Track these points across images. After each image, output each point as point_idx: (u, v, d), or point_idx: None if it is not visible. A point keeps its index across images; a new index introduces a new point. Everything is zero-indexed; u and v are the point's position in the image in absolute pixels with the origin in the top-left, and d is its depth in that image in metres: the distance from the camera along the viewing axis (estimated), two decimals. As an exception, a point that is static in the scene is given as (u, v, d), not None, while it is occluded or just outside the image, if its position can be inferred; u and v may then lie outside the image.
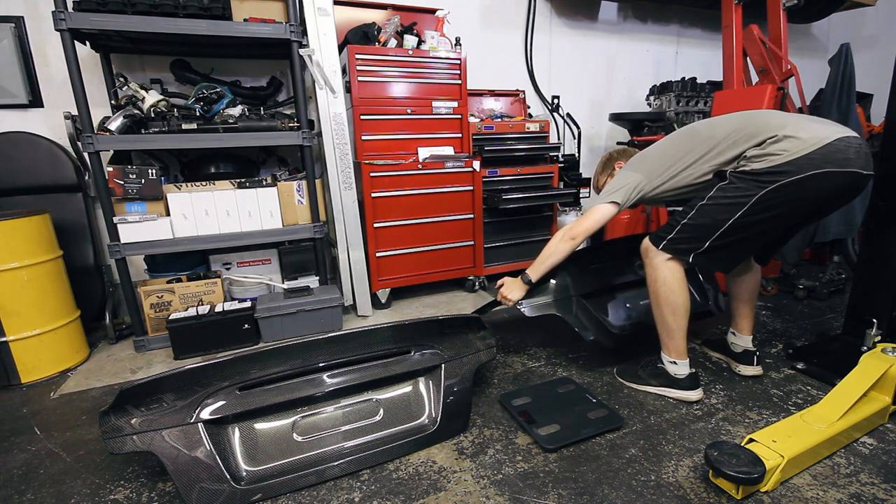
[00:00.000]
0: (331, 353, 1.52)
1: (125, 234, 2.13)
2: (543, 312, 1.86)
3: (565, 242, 1.72)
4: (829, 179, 1.37)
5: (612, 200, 1.65)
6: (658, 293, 1.61)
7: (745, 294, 1.82)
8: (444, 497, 1.26)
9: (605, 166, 2.01)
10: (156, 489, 1.32)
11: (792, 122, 1.44)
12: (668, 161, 1.62)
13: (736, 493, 1.21)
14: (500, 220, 3.02)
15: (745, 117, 1.54)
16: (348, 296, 2.60)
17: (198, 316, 2.14)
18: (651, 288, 1.63)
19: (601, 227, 1.70)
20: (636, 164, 1.72)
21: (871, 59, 4.12)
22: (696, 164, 1.56)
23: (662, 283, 1.59)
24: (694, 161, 1.56)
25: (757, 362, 1.81)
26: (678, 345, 1.64)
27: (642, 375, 1.76)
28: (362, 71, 2.52)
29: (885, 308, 1.77)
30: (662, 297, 1.60)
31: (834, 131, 1.39)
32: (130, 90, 2.20)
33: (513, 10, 3.38)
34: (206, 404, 1.30)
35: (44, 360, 2.02)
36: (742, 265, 1.77)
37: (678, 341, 1.64)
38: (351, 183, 2.50)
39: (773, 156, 1.40)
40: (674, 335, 1.64)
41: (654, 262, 1.61)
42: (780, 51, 2.51)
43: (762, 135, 1.43)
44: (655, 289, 1.61)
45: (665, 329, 1.65)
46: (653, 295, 1.63)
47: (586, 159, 3.82)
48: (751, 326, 1.85)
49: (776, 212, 1.44)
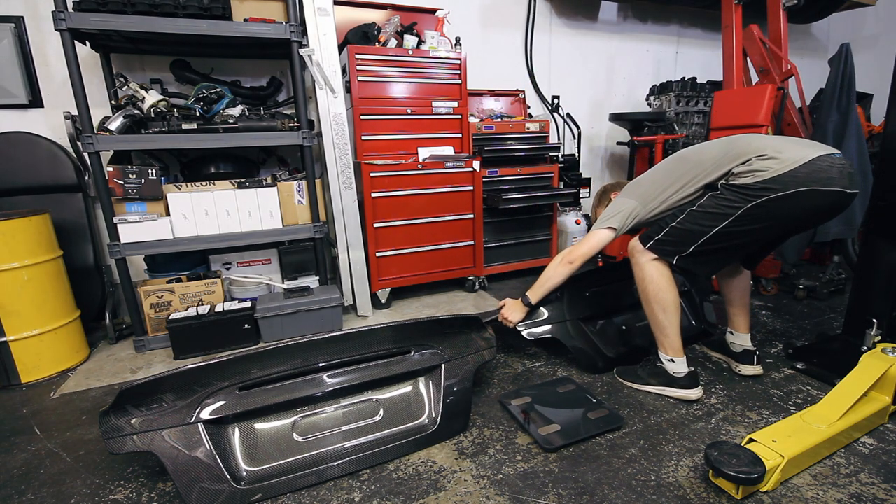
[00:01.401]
0: (331, 353, 1.52)
1: (125, 234, 2.13)
2: (542, 336, 1.91)
3: (564, 266, 1.79)
4: (813, 197, 1.42)
5: (609, 226, 1.71)
6: (647, 291, 1.65)
7: (737, 294, 1.85)
8: (444, 497, 1.26)
9: (602, 198, 2.07)
10: (156, 489, 1.32)
11: (773, 143, 1.51)
12: (661, 186, 1.68)
13: (736, 493, 1.21)
14: (500, 220, 3.02)
15: (730, 142, 1.61)
16: (348, 296, 2.60)
17: (198, 316, 2.14)
18: (640, 287, 1.67)
19: (598, 252, 1.77)
20: (630, 190, 1.78)
21: (871, 59, 4.12)
22: (686, 187, 1.62)
23: (650, 282, 1.63)
24: (684, 184, 1.63)
25: (757, 362, 1.81)
26: (673, 342, 1.66)
27: (642, 375, 1.77)
28: (362, 71, 2.52)
29: (885, 308, 1.77)
30: (651, 295, 1.64)
31: (815, 150, 1.45)
32: (130, 90, 2.20)
33: (513, 10, 3.38)
34: (206, 404, 1.30)
35: (44, 360, 2.02)
36: (730, 268, 1.82)
37: (672, 338, 1.66)
38: (351, 183, 2.50)
39: (759, 171, 1.45)
40: (667, 332, 1.66)
41: (640, 261, 1.66)
42: (780, 51, 2.51)
43: (746, 155, 1.50)
44: (644, 287, 1.66)
45: (658, 327, 1.68)
46: (642, 294, 1.67)
47: (586, 159, 3.82)
48: (747, 324, 1.87)
49: (760, 225, 1.49)
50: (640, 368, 1.79)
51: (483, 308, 2.68)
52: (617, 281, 2.12)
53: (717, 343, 1.99)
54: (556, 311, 1.96)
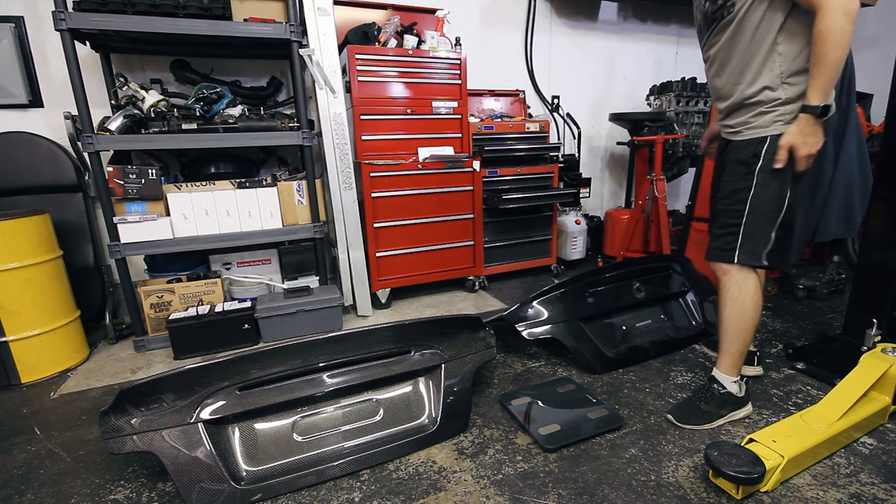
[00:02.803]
0: (331, 353, 1.52)
1: (125, 234, 2.13)
2: (543, 336, 1.90)
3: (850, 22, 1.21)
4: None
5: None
6: (749, 311, 1.50)
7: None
8: (444, 497, 1.26)
9: None
10: (156, 489, 1.32)
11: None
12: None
13: (736, 493, 1.21)
14: (500, 220, 3.02)
15: None
16: (348, 296, 2.60)
17: (198, 316, 2.14)
18: (742, 310, 1.50)
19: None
20: None
21: (871, 59, 4.12)
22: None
23: (751, 299, 1.49)
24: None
25: (757, 362, 1.81)
26: (742, 359, 1.57)
27: (710, 411, 1.54)
28: (362, 71, 2.52)
29: (885, 308, 1.77)
30: (749, 315, 1.50)
31: None
32: (130, 90, 2.20)
33: (513, 10, 3.38)
34: (206, 404, 1.30)
35: (44, 360, 2.02)
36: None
37: (743, 355, 1.56)
38: (351, 183, 2.50)
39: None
40: (745, 351, 1.55)
41: (745, 285, 1.49)
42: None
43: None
44: (746, 307, 1.50)
45: (743, 348, 1.54)
46: (742, 313, 1.51)
47: (586, 159, 3.82)
48: None
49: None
50: (704, 404, 1.55)
51: (483, 308, 2.68)
52: (616, 281, 2.12)
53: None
54: (556, 311, 1.95)
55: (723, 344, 1.57)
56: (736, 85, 1.45)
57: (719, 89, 1.53)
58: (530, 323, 1.92)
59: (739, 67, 1.43)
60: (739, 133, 1.48)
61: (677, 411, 1.57)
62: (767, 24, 1.35)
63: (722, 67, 1.49)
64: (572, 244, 3.35)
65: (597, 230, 3.58)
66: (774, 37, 1.35)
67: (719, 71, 1.50)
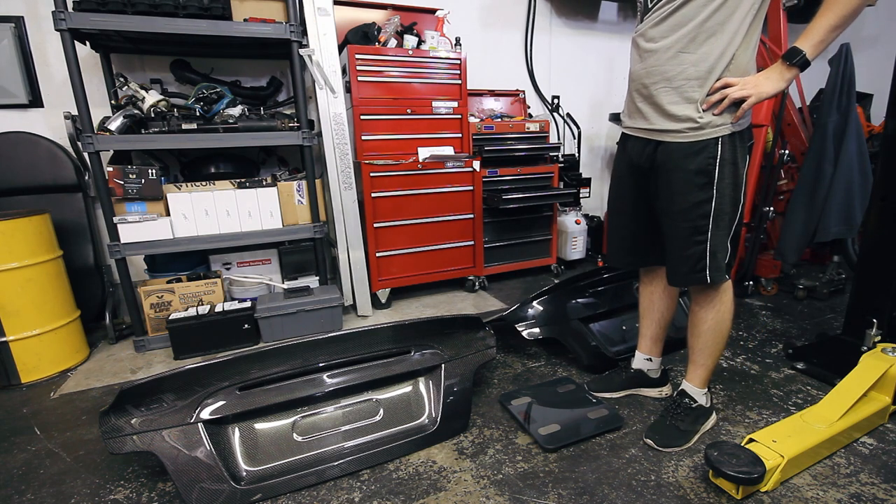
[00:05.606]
0: (331, 353, 1.52)
1: (125, 234, 2.13)
2: (543, 336, 1.91)
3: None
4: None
5: None
6: (726, 324, 1.43)
7: (666, 305, 1.62)
8: (444, 497, 1.26)
9: None
10: (156, 489, 1.32)
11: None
12: None
13: (736, 493, 1.21)
14: (500, 220, 3.02)
15: None
16: (348, 296, 2.60)
17: (198, 316, 2.14)
18: (724, 325, 1.43)
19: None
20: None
21: (871, 59, 4.12)
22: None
23: (729, 310, 1.42)
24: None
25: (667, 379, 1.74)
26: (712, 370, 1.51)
27: (687, 429, 1.45)
28: (362, 71, 2.52)
29: (885, 308, 1.77)
30: (727, 327, 1.44)
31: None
32: (130, 90, 2.20)
33: (513, 10, 3.38)
34: (206, 404, 1.30)
35: (44, 360, 2.02)
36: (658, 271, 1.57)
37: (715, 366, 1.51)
38: (351, 183, 2.50)
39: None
40: (717, 361, 1.49)
41: (725, 296, 1.41)
42: (781, 51, 2.50)
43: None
44: (726, 322, 1.43)
45: (715, 358, 1.47)
46: (722, 330, 1.43)
47: (586, 159, 3.82)
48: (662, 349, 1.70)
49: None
50: (680, 422, 1.45)
51: (483, 308, 2.68)
52: (616, 281, 2.12)
53: (629, 378, 1.72)
54: (556, 311, 1.96)
55: (698, 358, 1.47)
56: (682, 53, 1.17)
57: (649, 56, 1.24)
58: (530, 323, 1.92)
59: (696, 29, 1.15)
60: (682, 133, 1.24)
61: (657, 435, 1.44)
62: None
63: (666, 22, 1.19)
64: (572, 244, 3.35)
65: (597, 230, 3.58)
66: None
67: (663, 29, 1.20)
